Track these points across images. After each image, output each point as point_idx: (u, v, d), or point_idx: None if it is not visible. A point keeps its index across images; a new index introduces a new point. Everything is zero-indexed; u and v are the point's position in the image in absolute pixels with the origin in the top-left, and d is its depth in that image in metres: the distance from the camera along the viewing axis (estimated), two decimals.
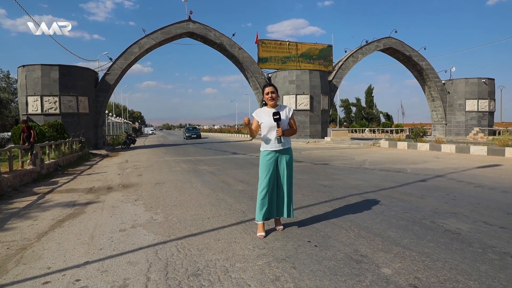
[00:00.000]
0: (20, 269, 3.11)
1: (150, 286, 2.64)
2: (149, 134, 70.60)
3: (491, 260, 2.99)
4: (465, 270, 2.79)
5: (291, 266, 2.93)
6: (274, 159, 3.77)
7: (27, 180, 8.60)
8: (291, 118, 3.85)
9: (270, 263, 3.00)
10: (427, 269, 2.82)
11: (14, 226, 4.63)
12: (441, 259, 3.03)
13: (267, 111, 3.79)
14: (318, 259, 3.06)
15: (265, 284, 2.62)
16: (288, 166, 3.81)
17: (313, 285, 2.58)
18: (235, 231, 3.96)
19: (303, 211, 4.77)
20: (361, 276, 2.71)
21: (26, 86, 19.20)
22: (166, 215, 4.83)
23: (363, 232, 3.80)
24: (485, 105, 30.31)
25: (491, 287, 2.51)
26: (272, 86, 3.83)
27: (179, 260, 3.15)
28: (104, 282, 2.75)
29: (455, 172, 8.14)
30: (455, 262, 2.96)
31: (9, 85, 27.64)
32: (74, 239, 3.94)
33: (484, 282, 2.58)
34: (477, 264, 2.91)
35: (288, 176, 3.81)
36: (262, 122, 3.76)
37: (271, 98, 3.78)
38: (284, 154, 3.80)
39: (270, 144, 3.75)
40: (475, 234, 3.68)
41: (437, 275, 2.70)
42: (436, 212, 4.58)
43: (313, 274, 2.76)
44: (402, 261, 2.98)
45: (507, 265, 2.87)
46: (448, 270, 2.80)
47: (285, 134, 3.72)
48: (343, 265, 2.92)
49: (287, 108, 3.88)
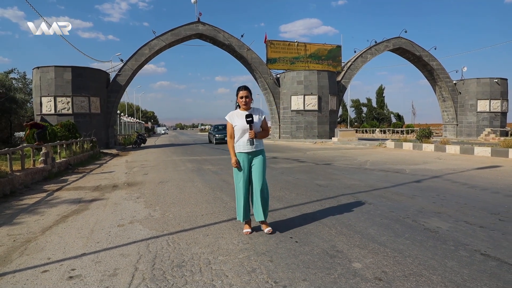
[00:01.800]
0: (23, 259, 3.40)
1: (136, 275, 2.89)
2: (162, 133, 71.55)
3: (460, 256, 3.15)
4: (432, 266, 2.96)
5: (268, 259, 3.15)
6: (247, 161, 3.88)
7: (38, 178, 9.00)
8: (264, 121, 3.96)
9: (250, 257, 3.22)
10: (396, 264, 3.00)
11: (22, 220, 4.95)
12: (412, 255, 3.20)
13: (240, 114, 3.88)
14: (295, 253, 3.27)
15: (241, 275, 2.84)
16: (263, 168, 3.90)
17: (285, 276, 2.79)
18: (224, 227, 4.20)
19: (292, 210, 4.98)
20: (332, 269, 2.91)
21: (40, 87, 19.85)
22: (163, 212, 5.10)
23: (345, 229, 3.99)
24: (497, 105, 29.86)
25: (452, 281, 2.68)
26: (246, 89, 3.91)
27: (167, 253, 3.40)
28: (96, 272, 3.02)
29: (452, 173, 8.21)
30: (425, 258, 3.12)
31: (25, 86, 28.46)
32: (75, 233, 4.23)
33: (446, 276, 2.75)
34: (445, 260, 3.08)
35: (262, 178, 3.89)
36: (236, 125, 3.84)
37: (245, 102, 3.87)
38: (257, 155, 3.91)
39: (243, 146, 3.86)
40: (453, 232, 3.83)
41: (404, 270, 2.88)
42: (421, 212, 4.72)
43: (287, 267, 2.97)
44: (374, 257, 3.17)
45: (474, 262, 3.03)
46: (416, 265, 2.97)
47: (257, 136, 3.82)
48: (318, 259, 3.13)
49: (260, 111, 4.01)
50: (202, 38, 26.01)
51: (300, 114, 26.20)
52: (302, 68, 27.88)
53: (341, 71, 29.18)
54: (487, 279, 2.70)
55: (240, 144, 3.89)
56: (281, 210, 5.00)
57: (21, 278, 2.95)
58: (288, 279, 2.74)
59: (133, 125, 50.83)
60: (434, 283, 2.65)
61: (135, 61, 23.76)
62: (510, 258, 3.10)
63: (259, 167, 3.89)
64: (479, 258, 3.12)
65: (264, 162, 3.97)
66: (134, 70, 23.76)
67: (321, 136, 25.85)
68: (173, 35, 24.57)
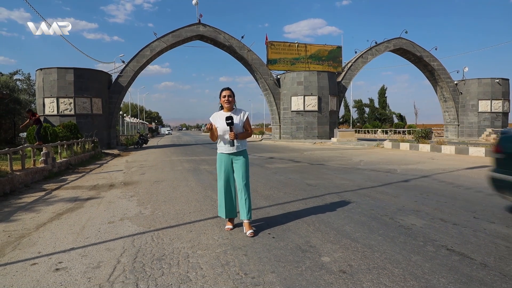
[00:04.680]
0: (15, 253, 3.61)
1: (117, 267, 3.09)
2: (165, 134, 71.99)
3: (426, 251, 3.32)
4: (397, 260, 3.13)
5: (243, 253, 3.33)
6: (228, 162, 3.99)
7: (39, 178, 9.24)
8: (246, 122, 4.02)
9: (226, 251, 3.41)
10: (363, 258, 3.17)
11: (19, 218, 5.17)
12: (381, 250, 3.37)
13: (222, 115, 3.95)
14: (269, 248, 3.46)
15: (215, 267, 3.03)
16: (245, 169, 3.98)
17: (255, 269, 2.98)
18: (208, 224, 4.39)
19: (277, 208, 5.16)
20: (300, 262, 3.09)
21: (43, 88, 20.20)
22: (154, 210, 5.30)
23: (323, 226, 4.17)
24: (498, 105, 29.82)
25: (412, 273, 2.85)
26: (229, 90, 3.99)
27: (150, 247, 3.60)
28: (82, 264, 3.22)
29: (442, 173, 8.35)
30: (392, 253, 3.29)
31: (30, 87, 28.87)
32: (67, 229, 4.43)
33: (407, 269, 2.92)
34: (411, 255, 3.25)
35: (245, 178, 3.97)
36: (218, 126, 3.92)
37: (228, 101, 3.94)
38: (238, 156, 3.98)
39: (224, 147, 3.97)
40: (426, 229, 4.00)
41: (369, 264, 3.05)
42: (401, 210, 4.89)
43: (259, 261, 3.15)
44: (344, 251, 3.34)
45: (438, 256, 3.20)
46: (381, 259, 3.15)
47: (238, 137, 3.88)
48: (289, 253, 3.31)
49: (243, 112, 4.05)
50: (203, 39, 26.26)
51: (300, 114, 26.36)
52: (302, 69, 28.04)
53: (342, 72, 29.30)
54: (445, 272, 2.87)
55: (221, 145, 4.03)
56: (265, 208, 5.18)
57: (11, 270, 3.15)
58: (257, 271, 2.92)
59: (136, 125, 51.21)
60: (395, 275, 2.82)
61: (137, 62, 24.05)
62: (473, 253, 3.26)
63: (241, 168, 3.98)
64: (443, 253, 3.28)
65: (246, 162, 4.04)
66: (136, 71, 24.06)
67: (321, 137, 25.99)
68: (174, 37, 24.84)
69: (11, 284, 2.87)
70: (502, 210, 4.80)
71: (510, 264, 2.99)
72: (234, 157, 4.01)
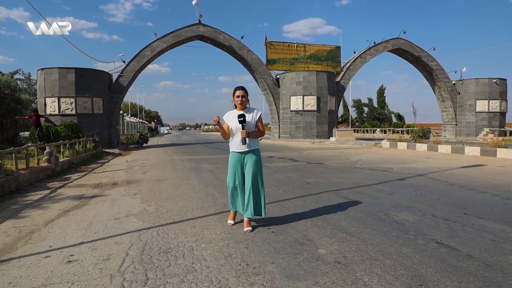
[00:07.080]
0: (28, 247, 3.81)
1: (126, 259, 3.29)
2: (165, 133, 72.15)
3: (416, 244, 3.52)
4: (389, 252, 3.33)
5: (245, 246, 3.54)
6: (239, 160, 4.05)
7: (42, 176, 9.43)
8: (259, 121, 4.09)
9: (228, 244, 3.61)
10: (357, 251, 3.38)
11: (27, 214, 5.36)
12: (374, 243, 3.57)
13: (235, 113, 3.99)
14: (269, 241, 3.66)
15: (219, 259, 3.23)
16: (255, 167, 4.01)
17: (256, 260, 3.18)
18: (210, 220, 4.59)
19: (276, 204, 5.37)
20: (298, 254, 3.29)
21: (45, 88, 20.38)
22: (157, 207, 5.50)
23: (320, 221, 4.37)
24: (496, 105, 30.07)
25: (402, 264, 3.05)
26: (242, 89, 4.04)
27: (156, 241, 3.80)
28: (92, 257, 3.42)
29: (437, 171, 8.56)
30: (385, 246, 3.50)
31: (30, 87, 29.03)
32: (75, 225, 4.63)
33: (398, 260, 3.13)
34: (402, 247, 3.45)
35: (254, 177, 4.00)
36: (230, 124, 4.01)
37: (241, 101, 4.01)
38: (250, 155, 4.03)
39: (236, 145, 4.05)
40: (418, 224, 4.20)
41: (362, 255, 3.26)
42: (395, 206, 5.10)
43: (260, 253, 3.36)
44: (339, 244, 3.55)
45: (427, 249, 3.40)
46: (374, 252, 3.35)
47: (250, 136, 3.93)
48: (288, 246, 3.51)
49: (255, 111, 4.11)
50: (203, 39, 26.44)
51: (299, 114, 26.57)
52: (301, 69, 28.25)
53: (340, 72, 29.52)
54: (433, 262, 3.07)
55: (234, 144, 4.09)
56: (266, 205, 5.37)
57: (26, 262, 3.35)
58: (258, 262, 3.13)
59: (136, 125, 51.38)
60: (386, 265, 3.02)
61: (137, 62, 24.23)
62: (460, 246, 3.47)
63: (252, 166, 4.01)
64: (433, 245, 3.49)
65: (258, 161, 4.07)
66: (136, 71, 24.24)
67: (320, 136, 26.21)
68: (174, 37, 25.02)
69: (27, 275, 3.06)
70: (491, 207, 5.01)
71: (494, 255, 3.20)
72: (246, 156, 4.05)
